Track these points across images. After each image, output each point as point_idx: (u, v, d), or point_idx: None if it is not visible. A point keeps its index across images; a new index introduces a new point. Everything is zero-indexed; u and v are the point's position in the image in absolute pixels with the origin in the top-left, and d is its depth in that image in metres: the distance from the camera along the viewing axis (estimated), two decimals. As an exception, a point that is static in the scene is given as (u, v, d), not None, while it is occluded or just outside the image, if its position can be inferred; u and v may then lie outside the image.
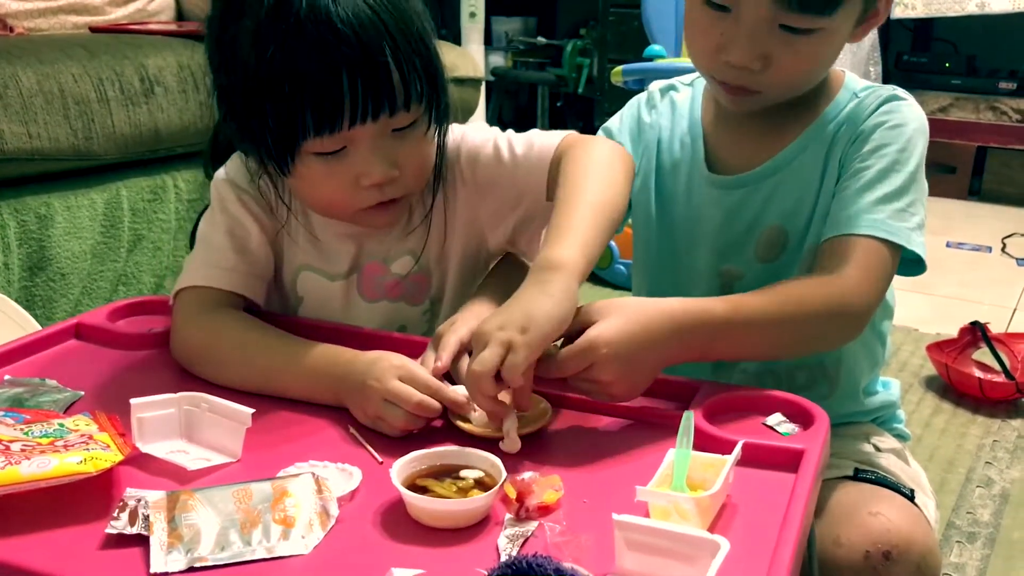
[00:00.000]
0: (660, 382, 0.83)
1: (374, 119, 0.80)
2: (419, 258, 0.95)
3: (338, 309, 0.95)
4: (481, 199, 0.94)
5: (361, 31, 0.78)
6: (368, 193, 0.85)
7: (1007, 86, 3.12)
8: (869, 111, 0.88)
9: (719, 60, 0.83)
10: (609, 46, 3.63)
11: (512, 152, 0.91)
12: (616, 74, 2.18)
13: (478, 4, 3.53)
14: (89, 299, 1.51)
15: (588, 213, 0.80)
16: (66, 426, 0.69)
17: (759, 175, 0.92)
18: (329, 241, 0.93)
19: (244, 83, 0.81)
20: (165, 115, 1.57)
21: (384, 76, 0.79)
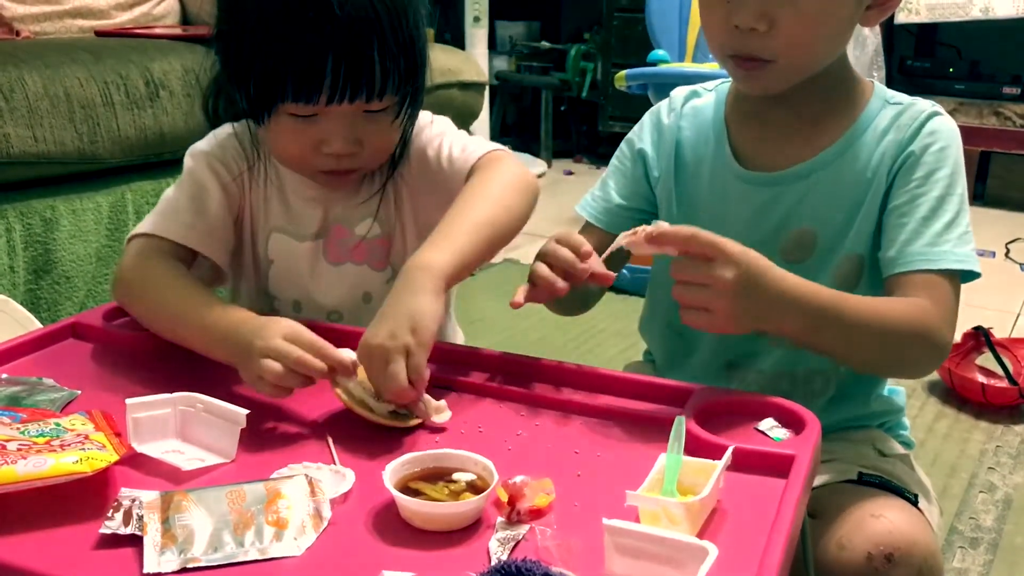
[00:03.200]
0: (653, 385, 0.84)
1: (350, 102, 0.87)
2: (378, 218, 1.01)
3: (305, 272, 1.01)
4: (421, 192, 1.01)
5: (355, 24, 0.84)
6: (327, 159, 0.92)
7: (1011, 91, 3.11)
8: (913, 129, 0.90)
9: (728, 29, 0.85)
10: (613, 50, 3.63)
11: (449, 158, 0.97)
12: (620, 79, 2.18)
13: (482, 8, 3.54)
14: (93, 301, 1.52)
15: (468, 227, 0.85)
16: (62, 425, 0.70)
17: (793, 175, 0.92)
18: (298, 204, 1.00)
19: (241, 38, 0.88)
20: (170, 119, 1.58)
21: (366, 68, 0.86)
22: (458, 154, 0.96)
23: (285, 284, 1.04)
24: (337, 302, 1.04)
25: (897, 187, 0.89)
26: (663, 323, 1.04)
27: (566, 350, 1.89)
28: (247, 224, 1.03)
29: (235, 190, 1.00)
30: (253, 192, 1.02)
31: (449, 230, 0.85)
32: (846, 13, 0.87)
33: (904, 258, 0.86)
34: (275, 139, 0.94)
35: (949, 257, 0.85)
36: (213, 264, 0.99)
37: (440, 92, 2.03)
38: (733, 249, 0.76)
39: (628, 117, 3.59)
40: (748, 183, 0.94)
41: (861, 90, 0.94)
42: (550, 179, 3.64)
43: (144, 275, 0.92)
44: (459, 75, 2.06)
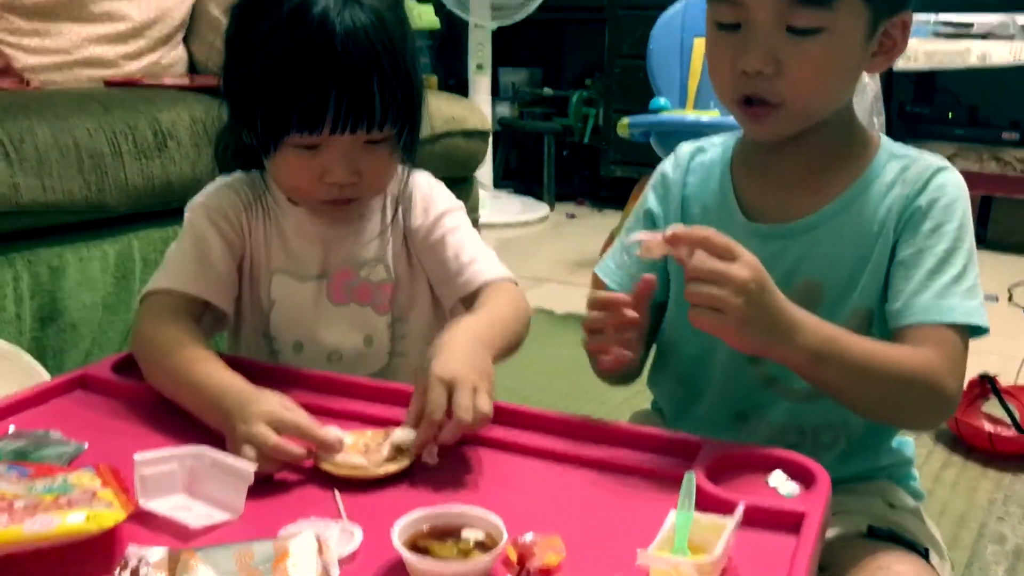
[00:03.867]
0: (663, 439, 0.83)
1: (351, 132, 0.92)
2: (385, 262, 1.04)
3: (308, 312, 1.03)
4: (425, 258, 1.06)
5: (356, 59, 0.90)
6: (329, 189, 0.96)
7: (1010, 136, 3.14)
8: (920, 184, 0.90)
9: (735, 74, 0.86)
10: (614, 96, 3.67)
11: (459, 259, 1.02)
12: (623, 127, 2.20)
13: (485, 56, 3.58)
14: (100, 350, 1.52)
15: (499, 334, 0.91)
16: (69, 481, 0.70)
17: (800, 228, 0.93)
18: (299, 244, 1.03)
19: (249, 73, 0.93)
20: (177, 168, 1.59)
21: (367, 100, 0.91)
22: (468, 260, 1.02)
23: (287, 325, 1.05)
24: (339, 343, 1.05)
25: (904, 241, 0.89)
26: (672, 375, 1.04)
27: (571, 396, 1.89)
28: (248, 268, 1.05)
29: (235, 238, 1.03)
30: (253, 237, 1.04)
31: (496, 324, 0.91)
32: (852, 59, 0.88)
33: (910, 310, 0.86)
34: (281, 171, 0.98)
35: (956, 310, 0.85)
36: (219, 311, 1.01)
37: (445, 140, 2.05)
38: (749, 255, 0.78)
39: (629, 161, 3.62)
40: (754, 235, 0.94)
41: (867, 142, 0.95)
42: (553, 222, 3.66)
43: (151, 336, 0.94)
44: (463, 123, 2.08)
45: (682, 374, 1.02)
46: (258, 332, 1.06)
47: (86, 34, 1.96)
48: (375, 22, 0.91)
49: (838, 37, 0.85)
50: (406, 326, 1.07)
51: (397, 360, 1.07)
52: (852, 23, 0.85)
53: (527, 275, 2.78)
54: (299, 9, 0.91)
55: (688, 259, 0.78)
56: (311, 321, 1.04)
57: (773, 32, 0.84)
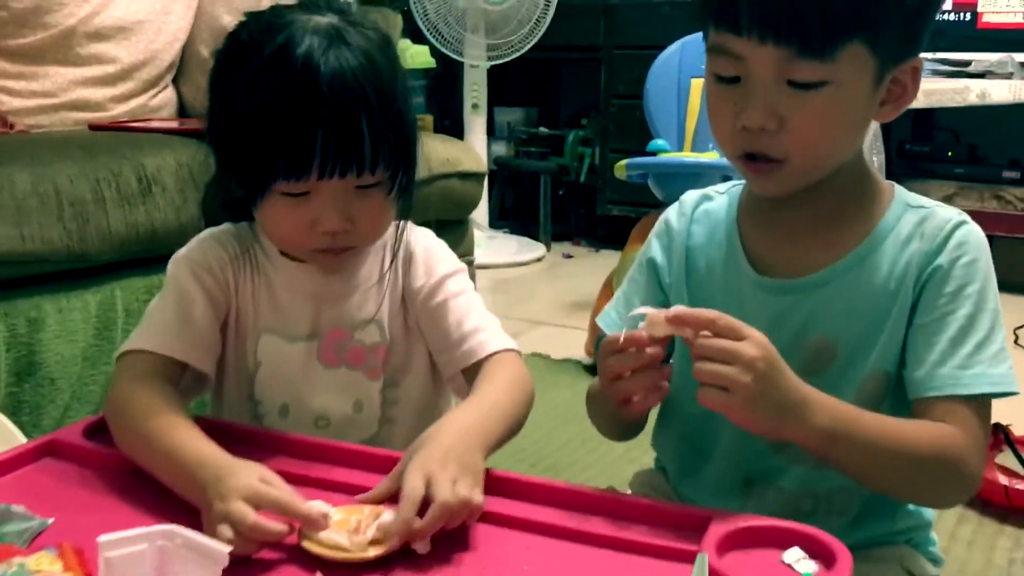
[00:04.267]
0: (669, 512, 0.78)
1: (340, 176, 0.88)
2: (379, 324, 0.99)
3: (296, 374, 0.98)
4: (424, 321, 1.01)
5: (343, 100, 0.86)
6: (321, 237, 0.91)
7: (1011, 175, 3.11)
8: (940, 240, 0.86)
9: (737, 130, 0.82)
10: (611, 136, 3.65)
11: (461, 328, 0.97)
12: (619, 168, 2.17)
13: (480, 96, 3.57)
14: (79, 404, 1.46)
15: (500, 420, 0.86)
16: (27, 566, 0.65)
17: (811, 283, 0.88)
18: (289, 302, 0.98)
19: (232, 119, 0.90)
20: (162, 215, 1.55)
21: (356, 142, 0.87)
22: (470, 329, 0.97)
23: (274, 387, 1.00)
24: (327, 408, 1.00)
25: (925, 303, 0.85)
26: (676, 435, 0.98)
27: (570, 447, 1.83)
28: (233, 327, 1.00)
29: (220, 294, 0.98)
30: (240, 293, 0.99)
31: (495, 410, 0.87)
32: (859, 111, 0.83)
33: (933, 382, 0.82)
34: (270, 221, 0.93)
35: (982, 380, 0.81)
36: (200, 373, 0.96)
37: (440, 183, 2.01)
38: (757, 333, 0.76)
39: (626, 201, 3.59)
40: (764, 290, 0.90)
41: (880, 192, 0.91)
42: (549, 262, 3.62)
43: (124, 401, 0.89)
44: (458, 165, 2.04)
45: (687, 435, 0.97)
46: (242, 394, 1.01)
47: (73, 77, 1.92)
48: (363, 63, 0.88)
49: (843, 89, 0.80)
50: (398, 391, 1.02)
51: (387, 427, 1.02)
52: (857, 74, 0.81)
53: (523, 317, 2.73)
54: (282, 51, 0.87)
55: (694, 339, 0.76)
56: (299, 384, 0.99)
57: (774, 87, 0.80)
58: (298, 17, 0.89)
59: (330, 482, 0.85)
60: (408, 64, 3.87)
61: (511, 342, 0.98)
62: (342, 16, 0.91)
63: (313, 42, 0.87)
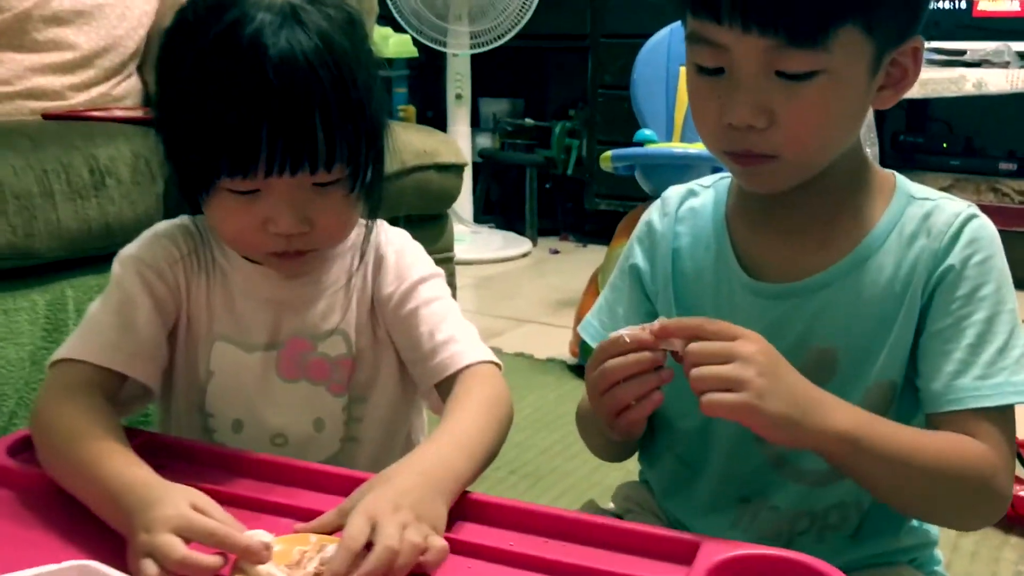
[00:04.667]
0: (655, 538, 0.71)
1: (291, 174, 0.79)
2: (345, 336, 0.91)
3: (252, 387, 0.91)
4: (395, 330, 0.92)
5: (293, 87, 0.77)
6: (275, 240, 0.83)
7: (1007, 167, 3.05)
8: (949, 237, 0.78)
9: (722, 126, 0.75)
10: (598, 127, 3.57)
11: (433, 339, 0.89)
12: (605, 159, 2.08)
13: (464, 86, 3.48)
14: (26, 410, 1.37)
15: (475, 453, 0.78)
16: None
17: (809, 287, 0.80)
18: (247, 308, 0.91)
19: (175, 107, 0.82)
20: (117, 208, 1.45)
21: (308, 135, 0.78)
22: (443, 339, 0.88)
23: (227, 400, 0.92)
24: (285, 425, 0.91)
25: (937, 308, 0.77)
26: (666, 453, 0.91)
27: (552, 452, 1.74)
28: (183, 333, 0.91)
29: (169, 298, 0.89)
30: (192, 297, 0.91)
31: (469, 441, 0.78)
32: (855, 100, 0.75)
33: (953, 394, 0.75)
34: (217, 219, 0.86)
35: (1005, 389, 0.74)
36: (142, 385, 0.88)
37: (417, 175, 1.92)
38: (748, 331, 0.71)
39: (614, 194, 3.51)
40: (758, 295, 0.82)
41: (880, 184, 0.83)
42: (535, 258, 3.54)
43: (52, 417, 0.81)
44: (436, 157, 1.95)
45: (679, 451, 0.89)
46: (192, 406, 0.93)
47: (29, 64, 1.81)
48: (319, 45, 0.78)
49: (837, 78, 0.72)
50: (364, 408, 0.94)
51: (350, 446, 0.94)
52: (852, 61, 0.73)
53: (507, 315, 2.65)
54: (229, 32, 0.78)
55: (684, 349, 0.70)
56: (255, 398, 0.91)
57: (761, 79, 0.72)
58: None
59: (286, 507, 0.76)
60: (389, 53, 3.77)
61: (488, 353, 0.89)
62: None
63: (264, 22, 0.78)
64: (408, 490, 0.69)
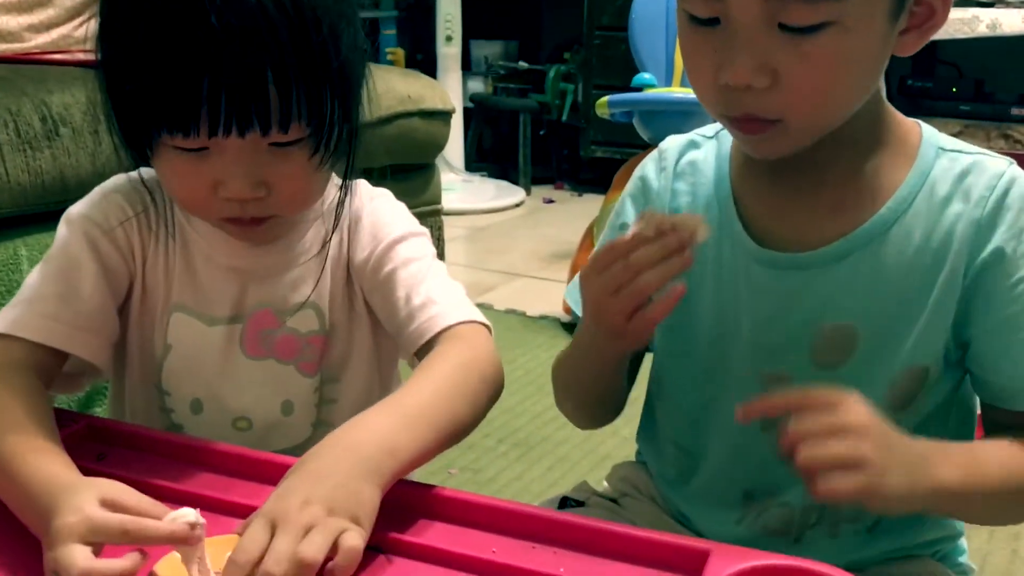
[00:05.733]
0: (659, 545, 0.62)
1: (239, 135, 0.69)
2: (317, 309, 0.82)
3: (213, 364, 0.82)
4: (374, 298, 0.83)
5: (238, 32, 0.66)
6: (228, 205, 0.74)
7: (1020, 112, 2.93)
8: (992, 205, 0.68)
9: (720, 86, 0.65)
10: (594, 71, 3.43)
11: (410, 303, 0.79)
12: (601, 105, 1.97)
13: (455, 27, 3.33)
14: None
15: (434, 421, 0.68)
16: None
17: (826, 256, 0.71)
18: (210, 277, 0.82)
19: (112, 45, 0.71)
20: (72, 160, 1.34)
21: (257, 90, 0.68)
22: (420, 302, 0.78)
23: (185, 378, 0.83)
24: (249, 406, 0.83)
25: (993, 293, 0.69)
26: (663, 437, 0.83)
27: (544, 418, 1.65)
28: (137, 302, 0.82)
29: (120, 264, 0.80)
30: (149, 262, 0.82)
31: (419, 412, 0.68)
32: (872, 50, 0.65)
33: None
34: (164, 179, 0.77)
35: None
36: None
37: (400, 122, 1.81)
38: (847, 393, 0.62)
39: (611, 142, 3.39)
40: (767, 266, 0.73)
41: (905, 136, 0.73)
42: (529, 208, 3.43)
43: None
44: (421, 103, 1.84)
45: (676, 438, 0.81)
46: (148, 383, 0.84)
47: (-19, 3, 1.69)
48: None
49: (850, 30, 0.62)
50: (338, 388, 0.85)
51: (323, 431, 0.83)
52: (868, 7, 0.62)
53: (499, 269, 2.55)
54: None
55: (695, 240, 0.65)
56: (216, 376, 0.82)
57: (762, 32, 0.62)
58: None
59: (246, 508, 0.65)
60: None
61: (472, 312, 0.79)
62: None
63: None
64: (327, 474, 0.60)
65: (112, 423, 0.80)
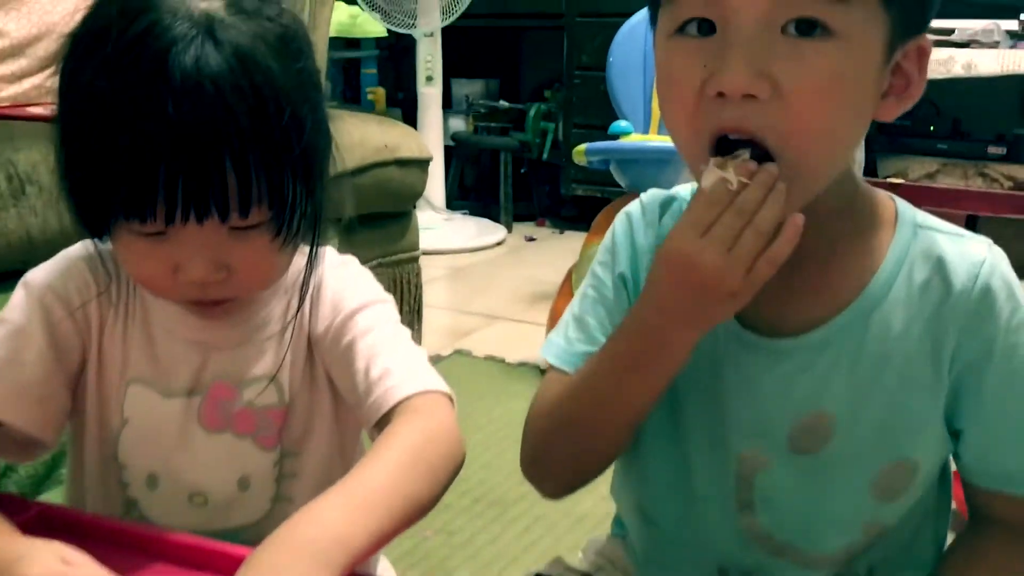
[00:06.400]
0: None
1: (197, 222, 0.67)
2: (275, 382, 0.79)
3: (170, 437, 0.80)
4: (334, 369, 0.81)
5: (197, 120, 0.64)
6: (188, 287, 0.72)
7: (996, 151, 2.94)
8: (974, 297, 0.67)
9: (708, 98, 0.61)
10: (574, 110, 3.44)
11: (368, 377, 0.76)
12: (579, 153, 1.96)
13: (435, 68, 3.33)
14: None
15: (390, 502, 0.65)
16: None
17: (808, 345, 0.69)
18: (169, 349, 0.80)
19: (70, 122, 0.70)
20: (39, 219, 1.32)
21: (215, 178, 0.66)
22: (379, 373, 0.75)
23: (141, 451, 0.81)
24: (205, 482, 0.81)
25: (978, 387, 0.67)
26: (641, 510, 0.81)
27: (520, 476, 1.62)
28: (94, 374, 0.80)
29: (73, 335, 0.78)
30: (107, 333, 0.80)
31: (372, 497, 0.64)
32: (867, 86, 0.63)
33: None
34: (122, 259, 0.76)
35: None
36: None
37: (376, 171, 1.80)
38: None
39: (592, 180, 3.39)
40: (744, 346, 0.71)
41: (881, 210, 0.71)
42: (510, 246, 3.42)
43: None
44: (397, 151, 1.83)
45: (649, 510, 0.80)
46: (105, 456, 0.82)
47: (-48, 53, 1.68)
48: (235, 68, 0.65)
49: (851, 49, 0.60)
50: (298, 462, 0.82)
51: (283, 506, 0.82)
52: (868, 32, 0.61)
53: (479, 312, 2.53)
54: (134, 44, 0.65)
55: None
56: (172, 449, 0.80)
57: (765, 36, 0.59)
58: (169, 1, 0.67)
59: None
60: (358, 33, 3.62)
61: (431, 381, 0.76)
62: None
63: (177, 34, 0.65)
64: (281, 570, 0.58)
65: (63, 511, 0.78)
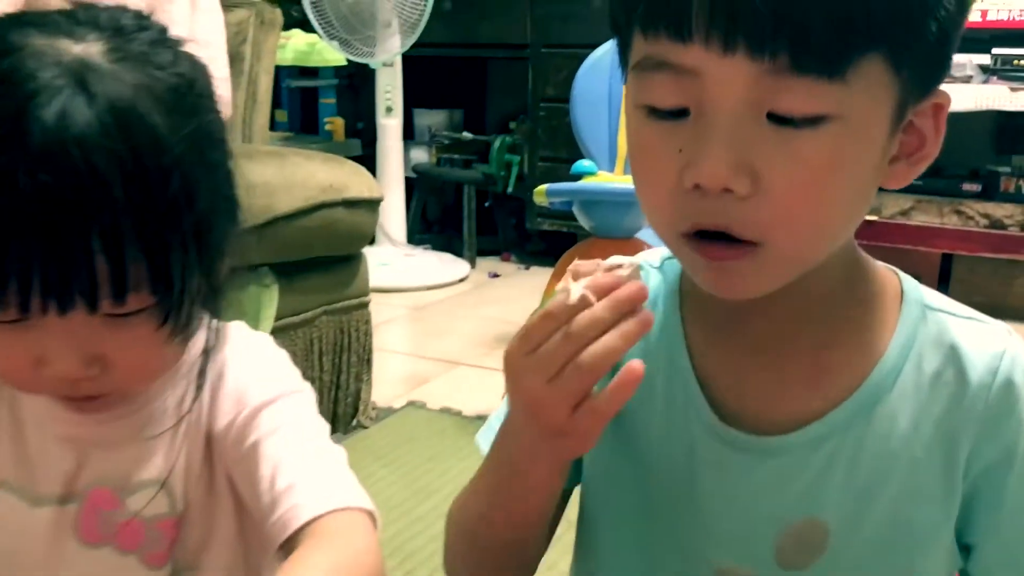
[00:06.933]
0: None
1: (60, 312, 0.56)
2: (167, 487, 0.67)
3: (37, 553, 0.68)
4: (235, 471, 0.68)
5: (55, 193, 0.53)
6: (55, 383, 0.61)
7: (971, 188, 2.88)
8: (997, 394, 0.57)
9: (684, 190, 0.51)
10: (540, 142, 3.34)
11: (274, 488, 0.63)
12: (539, 193, 1.85)
13: (395, 98, 3.22)
14: None
15: None
16: None
17: (801, 443, 0.59)
18: (40, 447, 0.68)
19: None
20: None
21: (80, 262, 0.54)
22: (285, 486, 0.62)
23: (4, 570, 0.69)
24: None
25: (996, 496, 0.58)
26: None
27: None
28: None
29: None
30: None
31: None
32: (871, 158, 0.53)
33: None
34: None
35: None
36: None
37: (322, 212, 1.67)
38: None
39: (558, 215, 3.27)
40: (725, 444, 0.60)
41: (883, 288, 0.61)
42: (473, 283, 3.29)
43: None
44: (344, 191, 1.70)
45: None
46: None
47: None
48: (108, 125, 0.54)
49: (853, 130, 0.50)
50: None
51: None
52: (873, 107, 0.50)
53: (436, 357, 2.40)
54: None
55: None
56: (40, 567, 0.68)
57: (746, 122, 0.49)
58: (38, 41, 0.55)
59: None
60: (315, 62, 3.50)
61: (349, 495, 0.64)
62: (114, 38, 0.57)
63: (39, 85, 0.53)
64: None
65: None
